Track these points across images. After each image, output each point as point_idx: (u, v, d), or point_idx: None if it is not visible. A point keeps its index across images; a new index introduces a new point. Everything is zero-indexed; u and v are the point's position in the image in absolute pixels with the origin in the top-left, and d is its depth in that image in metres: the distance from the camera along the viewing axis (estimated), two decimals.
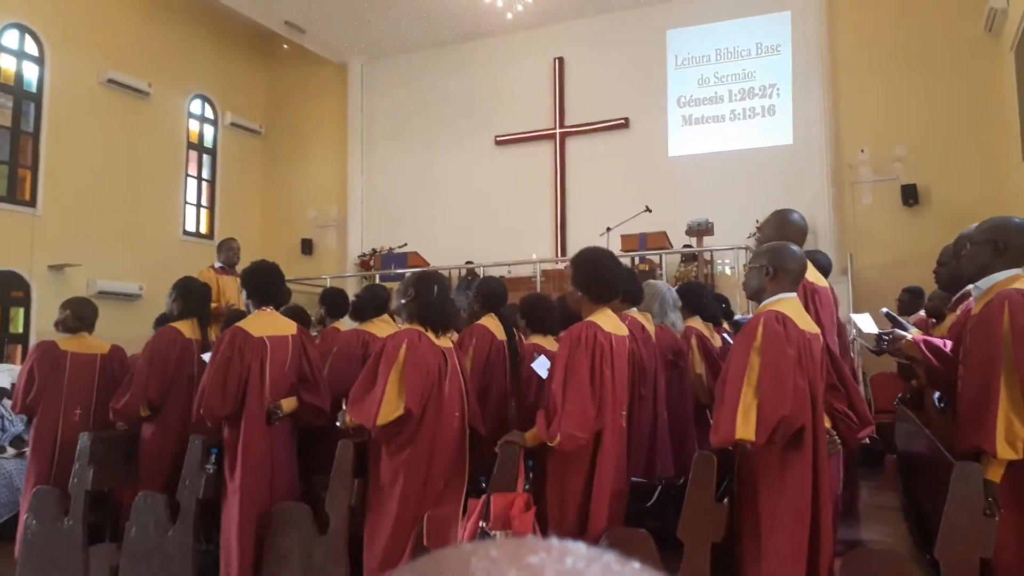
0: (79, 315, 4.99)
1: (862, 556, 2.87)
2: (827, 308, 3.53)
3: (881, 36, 10.62)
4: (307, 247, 13.77)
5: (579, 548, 0.31)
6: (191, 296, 4.72)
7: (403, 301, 3.67)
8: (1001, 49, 9.54)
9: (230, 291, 6.81)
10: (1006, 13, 9.13)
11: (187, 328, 4.65)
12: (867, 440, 3.47)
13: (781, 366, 2.68)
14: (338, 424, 3.69)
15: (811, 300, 3.39)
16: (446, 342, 3.68)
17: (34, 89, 10.73)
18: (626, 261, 9.27)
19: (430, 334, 3.55)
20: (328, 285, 7.48)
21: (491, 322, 4.35)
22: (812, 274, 3.56)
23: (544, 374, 3.96)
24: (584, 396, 3.10)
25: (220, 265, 6.97)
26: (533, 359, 4.37)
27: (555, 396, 3.13)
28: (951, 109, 10.06)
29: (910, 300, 6.50)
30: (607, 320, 3.33)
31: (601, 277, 3.40)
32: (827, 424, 2.90)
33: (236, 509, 3.80)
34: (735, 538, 2.90)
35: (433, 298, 3.60)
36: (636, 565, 0.31)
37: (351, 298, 5.32)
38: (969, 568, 2.58)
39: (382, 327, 4.70)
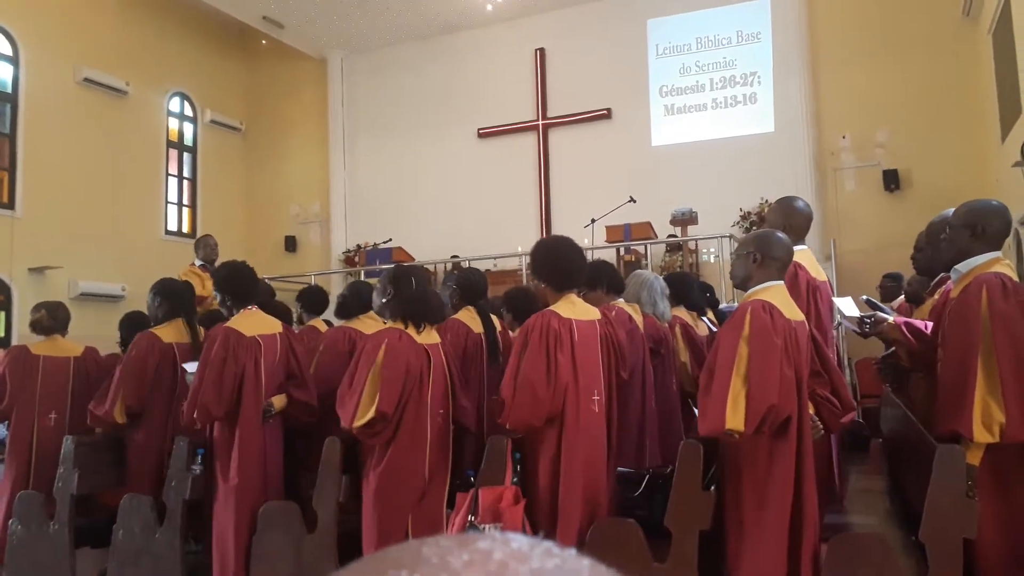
0: (54, 315, 4.95)
1: (847, 540, 2.88)
2: (826, 303, 3.56)
3: (860, 21, 10.67)
4: (291, 244, 13.69)
5: (523, 537, 0.33)
6: (174, 297, 4.64)
7: (384, 300, 3.66)
8: (979, 32, 9.60)
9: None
10: None
11: (166, 332, 4.56)
12: (858, 421, 3.49)
13: (769, 356, 2.69)
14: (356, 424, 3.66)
15: (811, 296, 3.40)
16: (432, 337, 3.65)
17: (9, 89, 10.60)
18: (611, 252, 9.29)
19: (412, 331, 3.54)
20: (312, 282, 7.45)
21: (467, 315, 4.34)
22: (813, 268, 3.57)
23: None
24: (534, 382, 3.14)
25: (201, 263, 6.94)
26: None
27: (507, 384, 3.21)
28: (931, 93, 10.13)
29: (892, 286, 6.55)
30: (569, 307, 3.36)
31: (559, 265, 3.44)
32: (810, 410, 2.92)
33: (232, 509, 3.77)
34: (720, 524, 2.92)
35: (413, 293, 3.58)
36: (573, 551, 0.33)
37: (337, 297, 5.27)
38: (953, 549, 2.61)
39: (368, 324, 4.68)
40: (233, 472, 3.81)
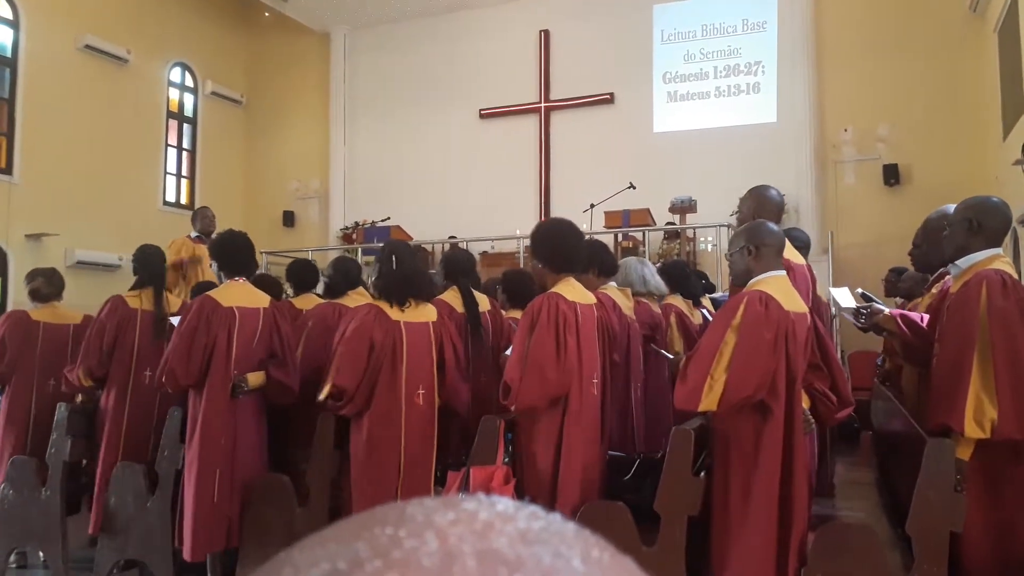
0: (51, 281, 4.95)
1: (834, 530, 2.91)
2: (802, 286, 3.55)
3: (866, 14, 10.61)
4: (289, 219, 13.65)
5: (508, 500, 0.34)
6: (143, 266, 4.62)
7: (373, 279, 3.72)
8: (985, 29, 9.57)
9: (208, 260, 6.72)
10: None
11: (134, 298, 4.54)
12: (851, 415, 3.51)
13: (755, 350, 2.70)
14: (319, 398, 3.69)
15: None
16: (420, 315, 3.66)
17: (9, 54, 10.51)
18: (610, 238, 9.28)
19: (394, 308, 3.57)
20: (310, 258, 7.41)
21: (451, 295, 4.34)
22: (789, 251, 3.57)
23: None
24: (543, 364, 3.14)
25: (197, 235, 6.90)
26: (511, 332, 4.38)
27: (514, 367, 3.20)
28: (934, 89, 10.10)
29: (896, 279, 6.55)
30: (570, 290, 3.36)
31: (559, 248, 3.45)
32: (806, 403, 2.92)
33: (193, 479, 3.78)
34: (709, 510, 2.94)
35: (391, 270, 3.61)
36: (558, 516, 0.33)
37: (323, 278, 5.18)
38: (939, 542, 2.63)
39: (356, 300, 4.66)
40: (195, 443, 3.80)
